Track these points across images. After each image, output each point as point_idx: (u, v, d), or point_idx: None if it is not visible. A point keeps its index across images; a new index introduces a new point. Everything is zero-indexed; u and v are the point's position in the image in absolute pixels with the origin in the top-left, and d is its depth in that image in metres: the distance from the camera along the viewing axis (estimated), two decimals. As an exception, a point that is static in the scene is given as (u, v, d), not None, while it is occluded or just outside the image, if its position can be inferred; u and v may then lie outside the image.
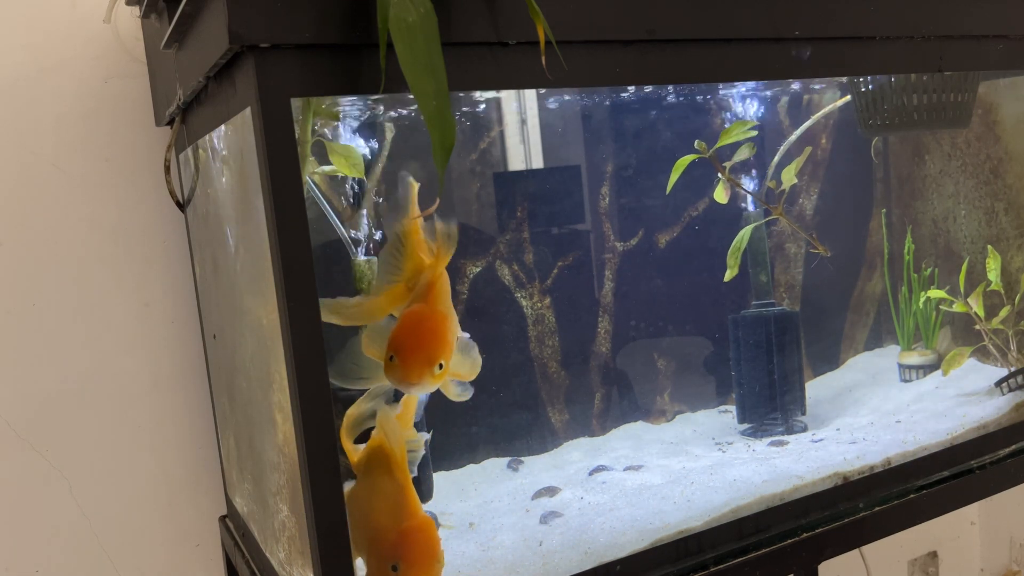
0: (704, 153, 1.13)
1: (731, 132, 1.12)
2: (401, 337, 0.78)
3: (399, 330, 0.79)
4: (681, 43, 0.85)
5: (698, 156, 1.13)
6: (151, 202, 1.17)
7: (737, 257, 1.17)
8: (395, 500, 0.78)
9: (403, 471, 0.80)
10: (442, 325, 0.79)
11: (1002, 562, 2.02)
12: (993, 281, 1.21)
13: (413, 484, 0.95)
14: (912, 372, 1.34)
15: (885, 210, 1.41)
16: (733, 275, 1.18)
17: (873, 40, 0.96)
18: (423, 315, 0.79)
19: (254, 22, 0.65)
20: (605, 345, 1.28)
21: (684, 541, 0.92)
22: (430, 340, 0.78)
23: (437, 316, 0.80)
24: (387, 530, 0.76)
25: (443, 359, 0.78)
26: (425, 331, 0.79)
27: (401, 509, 0.78)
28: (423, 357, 0.77)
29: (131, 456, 1.18)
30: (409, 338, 0.78)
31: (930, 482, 1.08)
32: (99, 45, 1.13)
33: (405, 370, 0.76)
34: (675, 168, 1.13)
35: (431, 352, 0.77)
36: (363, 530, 0.77)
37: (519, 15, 0.74)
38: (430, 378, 0.77)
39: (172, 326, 1.19)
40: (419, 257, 0.82)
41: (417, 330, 0.78)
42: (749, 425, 1.22)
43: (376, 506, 0.78)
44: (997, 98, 1.24)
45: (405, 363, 0.76)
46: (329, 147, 0.95)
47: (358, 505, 0.78)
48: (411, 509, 0.78)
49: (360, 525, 0.77)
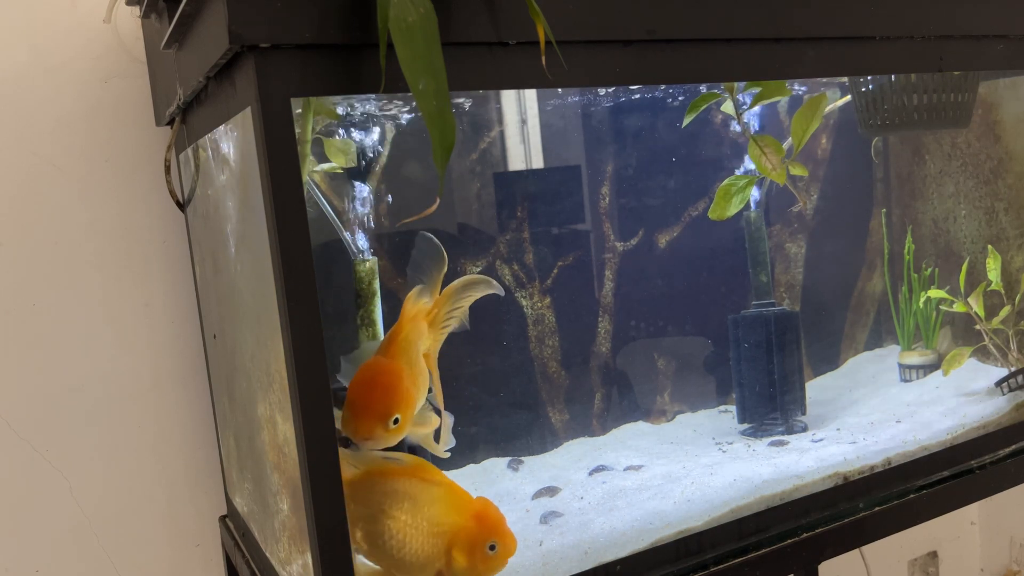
0: (730, 93, 1.09)
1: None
2: (354, 391, 0.77)
3: (353, 383, 0.77)
4: (681, 43, 0.85)
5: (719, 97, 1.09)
6: (151, 202, 1.17)
7: (727, 202, 1.13)
8: (450, 498, 0.79)
9: (437, 472, 0.80)
10: (396, 379, 0.77)
11: (1002, 562, 2.02)
12: (993, 281, 1.21)
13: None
14: (912, 372, 1.34)
15: (885, 210, 1.41)
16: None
17: (873, 40, 0.96)
18: (378, 369, 0.78)
19: (254, 22, 0.65)
20: (605, 345, 1.28)
21: (684, 541, 0.92)
22: (382, 395, 0.77)
23: (393, 370, 0.78)
24: (462, 525, 0.77)
25: (399, 413, 0.76)
26: (378, 385, 0.77)
27: (460, 500, 0.79)
28: (375, 412, 0.76)
29: (131, 456, 1.18)
30: (362, 392, 0.77)
31: (930, 482, 1.08)
32: (99, 45, 1.13)
33: (355, 424, 0.75)
34: (693, 105, 1.09)
35: (384, 407, 0.76)
36: (439, 541, 0.77)
37: (519, 15, 0.74)
38: (383, 432, 0.76)
39: (172, 326, 1.19)
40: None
41: (370, 384, 0.77)
42: (749, 425, 1.22)
43: (439, 514, 0.78)
44: (997, 98, 1.24)
45: (356, 417, 0.75)
46: (327, 143, 0.95)
47: (423, 526, 0.77)
48: (466, 496, 0.79)
49: (433, 540, 0.77)
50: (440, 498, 0.78)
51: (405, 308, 0.81)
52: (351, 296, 0.95)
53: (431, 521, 0.77)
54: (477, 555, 0.76)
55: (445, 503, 0.78)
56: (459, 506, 0.78)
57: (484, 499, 0.80)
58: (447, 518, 0.77)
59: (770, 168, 1.08)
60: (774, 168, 1.08)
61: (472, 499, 0.79)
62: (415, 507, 0.77)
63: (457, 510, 0.78)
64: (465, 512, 0.78)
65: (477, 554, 0.76)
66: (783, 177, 1.09)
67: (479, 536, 0.77)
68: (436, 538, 0.77)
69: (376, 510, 0.77)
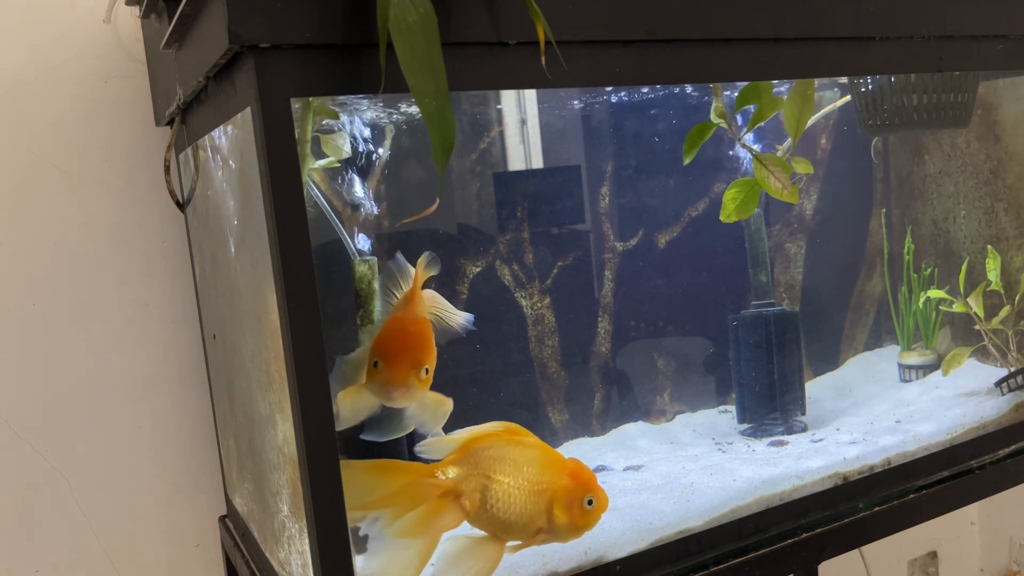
0: (724, 120, 1.07)
1: (748, 96, 1.04)
2: (386, 342, 0.78)
3: (384, 335, 0.79)
4: (681, 43, 0.85)
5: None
6: (151, 202, 1.17)
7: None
8: (546, 458, 0.82)
9: (529, 434, 0.83)
10: (427, 330, 0.80)
11: (1002, 562, 2.02)
12: (993, 281, 1.21)
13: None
14: (912, 372, 1.34)
15: (885, 210, 1.41)
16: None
17: (873, 40, 0.97)
18: (407, 320, 0.80)
19: (254, 22, 0.65)
20: (605, 345, 1.28)
21: (684, 541, 0.92)
22: (415, 344, 0.79)
23: (421, 321, 0.80)
24: (560, 483, 0.80)
25: (428, 364, 0.78)
26: (410, 335, 0.79)
27: (556, 460, 0.82)
28: (409, 360, 0.77)
29: (131, 456, 1.18)
30: (394, 342, 0.78)
31: (930, 482, 1.08)
32: (99, 45, 1.13)
33: (391, 373, 0.77)
34: (689, 140, 1.07)
35: (417, 355, 0.78)
36: (540, 499, 0.80)
37: (519, 15, 0.74)
38: (416, 382, 0.77)
39: (172, 326, 1.19)
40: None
41: (402, 334, 0.79)
42: (749, 425, 1.22)
43: (539, 474, 0.80)
44: (997, 98, 1.24)
45: (391, 366, 0.77)
46: (323, 140, 0.95)
47: (524, 486, 0.80)
48: (560, 456, 0.83)
49: (535, 499, 0.79)
50: (537, 459, 0.81)
51: (417, 272, 0.83)
52: (351, 296, 0.95)
53: (531, 481, 0.80)
54: (576, 510, 0.80)
55: (542, 463, 0.81)
56: (555, 465, 0.81)
57: (575, 458, 0.84)
58: (546, 477, 0.80)
59: (780, 188, 1.06)
60: (784, 188, 1.07)
61: (565, 458, 0.83)
62: (516, 469, 0.80)
63: (554, 469, 0.81)
64: (561, 470, 0.81)
65: (576, 509, 0.80)
66: (795, 196, 1.08)
67: (577, 492, 0.80)
68: (537, 497, 0.80)
69: (482, 476, 0.80)
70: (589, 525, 0.82)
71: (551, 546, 0.88)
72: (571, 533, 0.82)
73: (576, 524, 0.81)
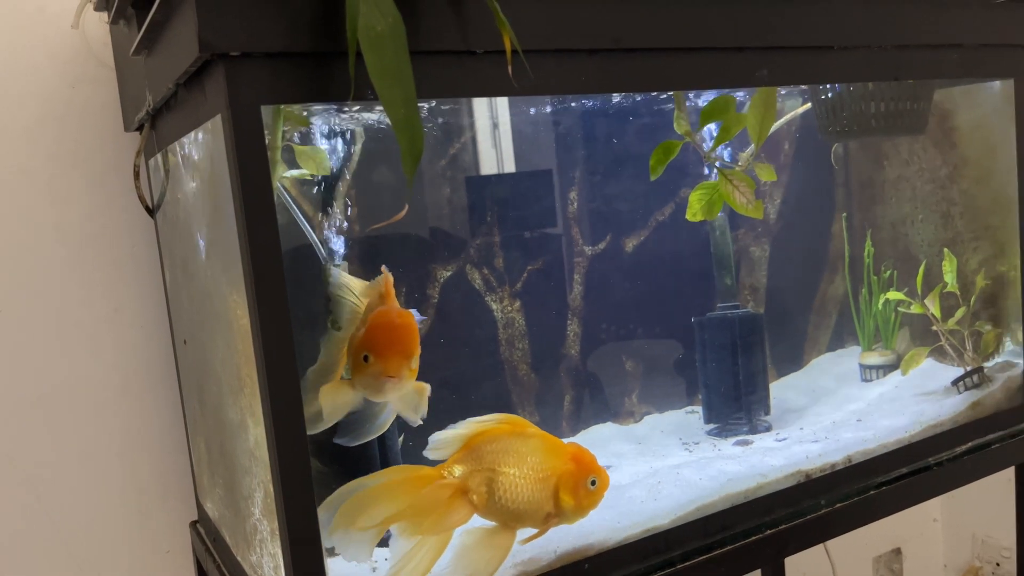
0: (690, 138, 1.09)
1: (713, 112, 1.05)
2: (375, 335, 0.80)
3: (372, 330, 0.80)
4: (646, 52, 0.87)
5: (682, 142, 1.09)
6: (120, 207, 1.17)
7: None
8: (548, 445, 0.85)
9: (529, 424, 0.87)
10: (413, 321, 0.82)
11: (965, 558, 2.07)
12: (949, 283, 1.24)
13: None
14: (872, 372, 1.37)
15: (846, 214, 1.45)
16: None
17: (832, 50, 0.99)
18: (393, 313, 0.82)
19: (224, 30, 0.66)
20: (574, 348, 1.30)
21: (651, 539, 0.94)
22: (405, 335, 0.81)
23: (406, 314, 0.82)
24: (564, 467, 0.84)
25: (417, 354, 0.81)
26: (398, 327, 0.81)
27: (557, 446, 0.85)
28: (400, 351, 0.79)
29: (100, 463, 1.18)
30: (384, 334, 0.80)
31: (890, 479, 1.10)
32: (67, 50, 1.13)
33: (384, 364, 0.78)
34: (655, 159, 1.09)
35: (407, 346, 0.80)
36: (546, 485, 0.83)
37: (486, 24, 0.75)
38: (408, 372, 0.80)
39: (142, 331, 1.19)
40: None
41: (391, 326, 0.80)
42: (715, 425, 1.24)
43: (542, 461, 0.84)
44: (953, 105, 1.28)
45: (383, 358, 0.79)
46: (297, 151, 0.96)
47: (530, 475, 0.83)
48: (560, 442, 0.86)
49: (541, 486, 0.83)
50: (539, 447, 0.84)
51: (387, 275, 0.85)
52: (322, 300, 0.96)
53: (536, 469, 0.83)
54: (581, 492, 0.84)
55: (544, 451, 0.84)
56: (557, 451, 0.85)
57: (574, 442, 0.88)
58: (549, 463, 0.84)
59: (745, 204, 1.09)
60: (749, 203, 1.09)
61: (565, 443, 0.86)
62: (520, 459, 0.83)
63: (556, 455, 0.84)
64: (564, 456, 0.85)
65: (581, 491, 0.84)
66: (760, 211, 1.10)
67: (580, 475, 0.84)
68: (543, 483, 0.83)
69: (488, 469, 0.83)
70: (594, 504, 0.86)
71: (521, 545, 0.90)
72: (578, 514, 0.85)
73: (582, 505, 0.85)
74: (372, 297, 0.85)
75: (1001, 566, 1.98)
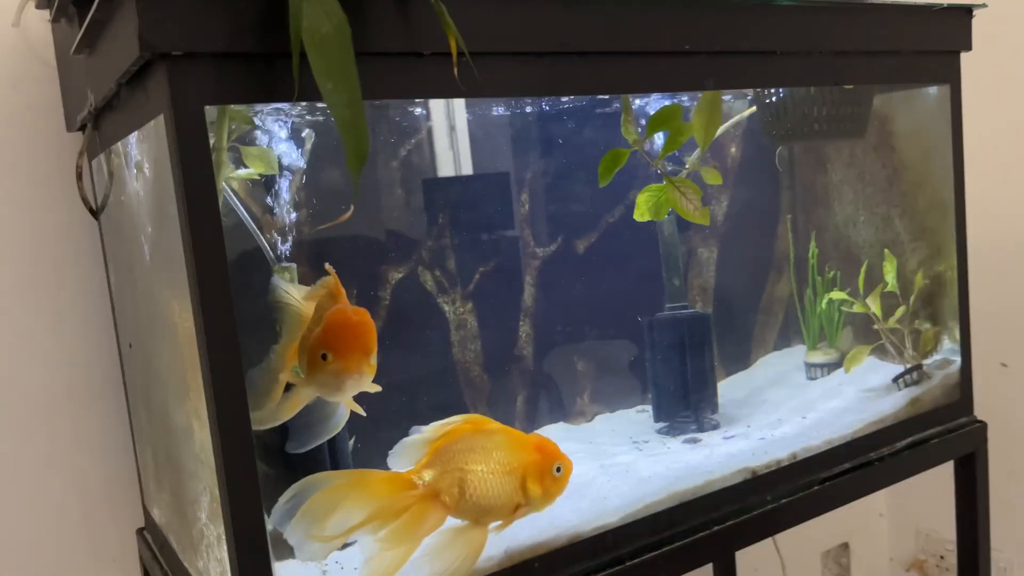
0: (638, 147, 1.11)
1: (659, 122, 1.06)
2: (333, 333, 0.80)
3: (329, 327, 0.80)
4: (592, 55, 0.88)
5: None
6: (63, 209, 1.15)
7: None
8: (511, 439, 0.87)
9: (491, 421, 0.88)
10: (369, 318, 0.82)
11: (909, 551, 2.12)
12: (889, 283, 1.27)
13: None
14: (817, 370, 1.40)
15: (791, 216, 1.48)
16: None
17: (775, 55, 1.02)
18: (349, 310, 0.82)
19: (166, 30, 0.65)
20: (526, 349, 1.31)
21: (601, 537, 0.95)
22: (363, 331, 0.81)
23: (362, 311, 0.82)
24: (529, 458, 0.86)
25: (374, 351, 0.81)
26: (357, 324, 0.81)
27: (519, 439, 0.88)
28: (360, 347, 0.79)
29: (44, 471, 1.15)
30: (343, 332, 0.80)
31: (833, 474, 1.13)
32: (8, 49, 1.11)
33: (344, 363, 0.78)
34: (603, 166, 1.10)
35: (366, 343, 0.80)
36: (513, 478, 0.85)
37: (433, 26, 0.76)
38: (367, 369, 0.80)
39: (85, 336, 1.17)
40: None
41: (349, 324, 0.81)
42: (664, 424, 1.26)
43: (507, 455, 0.86)
44: (891, 110, 1.32)
45: (343, 356, 0.78)
46: (244, 151, 0.95)
47: (497, 469, 0.85)
48: (522, 435, 0.89)
49: (509, 479, 0.85)
50: (503, 442, 0.87)
51: (332, 274, 0.85)
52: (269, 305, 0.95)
53: (502, 463, 0.85)
54: (547, 480, 0.87)
55: (508, 445, 0.87)
56: (521, 444, 0.87)
57: (537, 433, 0.92)
58: (515, 456, 0.86)
59: (692, 210, 1.11)
60: (696, 210, 1.11)
61: (527, 435, 0.89)
62: (486, 456, 0.85)
63: (520, 447, 0.87)
64: (527, 447, 0.87)
65: (547, 479, 0.87)
66: (707, 218, 1.12)
67: (545, 463, 0.87)
68: (510, 476, 0.85)
69: (456, 470, 0.84)
70: (560, 490, 0.88)
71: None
72: (546, 501, 0.88)
73: (549, 492, 0.87)
74: (321, 297, 0.84)
75: (945, 559, 2.03)
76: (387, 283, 1.19)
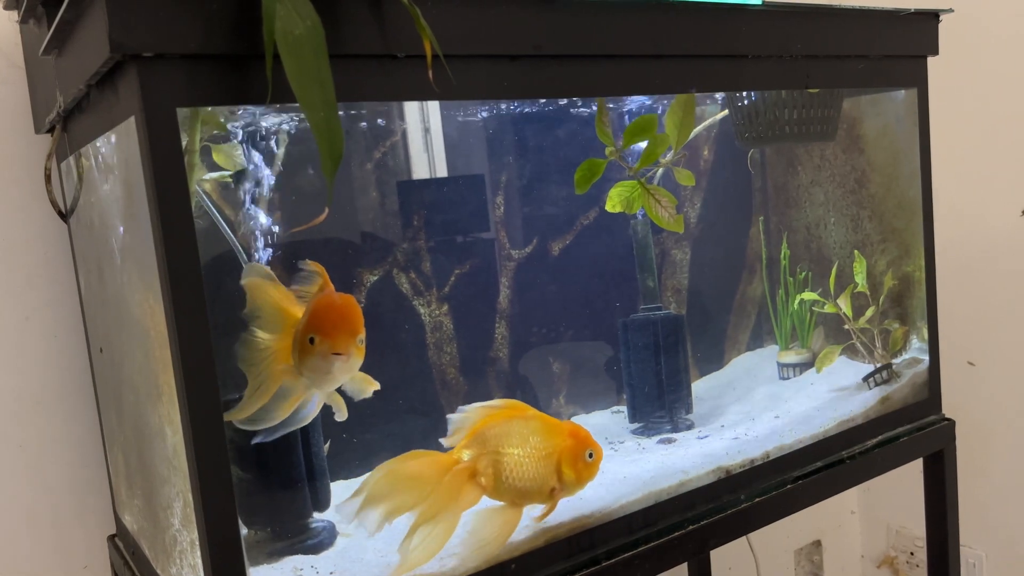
0: (616, 157, 1.12)
1: (638, 131, 1.08)
2: (320, 316, 0.80)
3: (315, 314, 0.81)
4: (566, 59, 0.89)
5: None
6: (31, 212, 1.13)
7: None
8: (546, 425, 0.92)
9: (528, 407, 0.93)
10: (354, 302, 0.83)
11: (881, 548, 2.15)
12: (860, 283, 1.29)
13: (310, 492, 0.96)
14: (789, 370, 1.41)
15: (763, 217, 1.49)
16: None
17: (745, 58, 1.03)
18: (334, 295, 0.82)
19: (136, 31, 0.65)
20: (502, 350, 1.31)
21: (576, 537, 0.96)
22: (349, 313, 0.81)
23: (346, 296, 0.83)
24: (563, 444, 0.91)
25: (362, 332, 0.81)
26: (342, 306, 0.82)
27: (554, 425, 0.92)
28: (347, 328, 0.80)
29: (13, 477, 1.13)
30: (329, 314, 0.81)
31: (805, 472, 1.14)
32: (-27, 49, 1.09)
33: (331, 343, 0.79)
34: (580, 176, 1.11)
35: (353, 324, 0.81)
36: (549, 462, 0.90)
37: (407, 29, 0.76)
38: (355, 350, 0.80)
39: (55, 340, 1.15)
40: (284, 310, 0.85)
41: (335, 306, 0.81)
42: (639, 424, 1.27)
43: (543, 440, 0.90)
44: (860, 113, 1.34)
45: (331, 336, 0.79)
46: (214, 149, 0.94)
47: (533, 454, 0.89)
48: (557, 421, 0.93)
49: (544, 463, 0.89)
50: (539, 428, 0.91)
51: (318, 266, 0.86)
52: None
53: (538, 448, 0.90)
54: (580, 465, 0.91)
55: (544, 430, 0.91)
56: (556, 429, 0.91)
57: (570, 421, 0.96)
58: (550, 441, 0.90)
59: (666, 218, 1.13)
60: (670, 218, 1.13)
61: (561, 422, 0.93)
62: (523, 440, 0.89)
63: (555, 433, 0.91)
64: (562, 433, 0.91)
65: (580, 464, 0.91)
66: (680, 226, 1.14)
67: (578, 449, 0.91)
68: (546, 460, 0.90)
69: (493, 453, 0.89)
70: (592, 475, 0.93)
71: (445, 548, 0.90)
72: (578, 485, 0.92)
73: (582, 476, 0.91)
74: (311, 293, 0.85)
75: (915, 555, 2.06)
76: (362, 285, 1.19)
